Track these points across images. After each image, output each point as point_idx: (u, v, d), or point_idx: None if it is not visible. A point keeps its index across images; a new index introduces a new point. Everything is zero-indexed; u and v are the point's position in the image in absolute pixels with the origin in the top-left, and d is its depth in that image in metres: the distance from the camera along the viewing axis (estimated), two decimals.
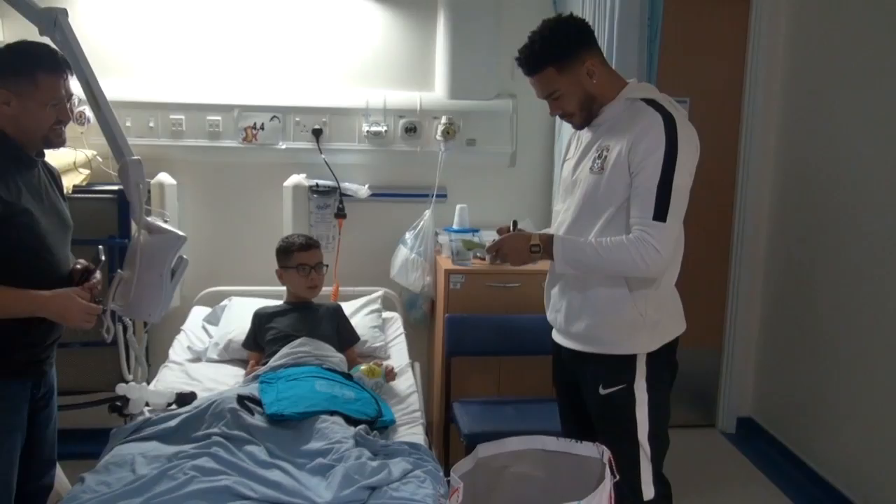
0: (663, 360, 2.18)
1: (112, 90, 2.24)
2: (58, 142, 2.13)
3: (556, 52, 2.11)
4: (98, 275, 2.20)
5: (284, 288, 3.12)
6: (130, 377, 2.37)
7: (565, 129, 3.42)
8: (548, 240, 2.12)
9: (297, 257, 3.01)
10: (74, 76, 2.11)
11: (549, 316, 2.34)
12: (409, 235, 3.64)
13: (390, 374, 2.83)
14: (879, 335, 3.10)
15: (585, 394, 2.26)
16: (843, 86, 3.37)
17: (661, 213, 1.99)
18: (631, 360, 2.15)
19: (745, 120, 3.90)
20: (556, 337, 2.34)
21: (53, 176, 2.25)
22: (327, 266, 3.13)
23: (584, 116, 2.18)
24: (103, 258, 2.28)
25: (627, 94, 2.14)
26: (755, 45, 3.83)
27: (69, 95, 2.12)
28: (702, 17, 3.85)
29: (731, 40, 3.87)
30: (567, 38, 2.12)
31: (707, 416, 4.19)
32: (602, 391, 2.17)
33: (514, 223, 2.31)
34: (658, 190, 1.99)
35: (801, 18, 3.70)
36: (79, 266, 2.21)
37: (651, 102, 2.08)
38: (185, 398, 2.51)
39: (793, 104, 3.77)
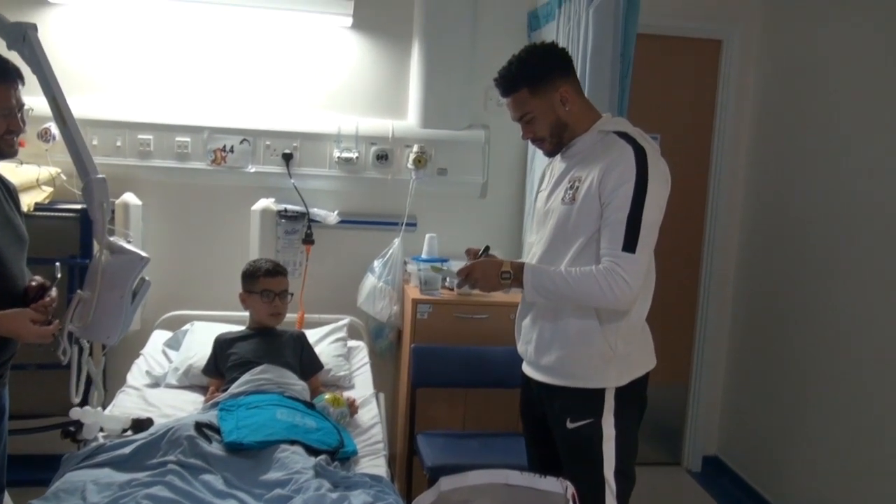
0: (632, 396, 2.19)
1: (79, 107, 2.24)
2: (9, 152, 2.10)
3: (531, 74, 2.15)
4: (53, 292, 2.17)
5: (248, 314, 3.09)
6: (77, 400, 2.33)
7: (538, 161, 3.46)
8: (519, 267, 2.13)
9: (263, 283, 2.99)
10: (24, 87, 2.09)
11: (520, 348, 2.35)
12: (377, 264, 3.63)
13: (353, 408, 2.81)
14: (849, 374, 3.14)
15: (552, 428, 2.26)
16: (812, 125, 3.45)
17: (630, 245, 2.01)
18: (599, 394, 2.15)
19: (715, 156, 3.99)
20: (526, 369, 2.34)
21: (8, 189, 2.22)
22: (292, 294, 3.11)
23: (554, 143, 2.21)
24: (59, 275, 2.25)
25: (601, 126, 2.17)
26: (725, 84, 3.93)
27: (20, 106, 2.10)
28: (673, 56, 3.94)
29: (701, 79, 3.96)
30: (543, 62, 2.16)
31: (673, 453, 4.21)
32: (569, 425, 2.17)
33: (487, 248, 2.31)
34: (628, 221, 2.01)
35: (772, 59, 3.80)
36: (34, 283, 2.18)
37: (623, 135, 2.11)
38: (141, 424, 2.46)
39: (762, 142, 3.85)
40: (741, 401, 3.95)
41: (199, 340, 3.16)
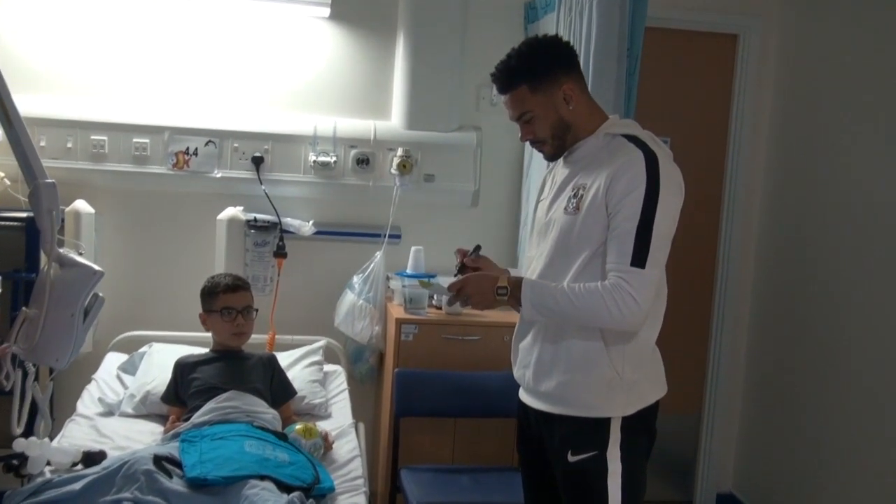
0: (640, 426, 2.19)
1: (26, 105, 2.23)
2: None
3: (531, 69, 2.15)
4: None
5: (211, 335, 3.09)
6: (20, 431, 2.32)
7: (535, 166, 3.47)
8: (516, 283, 2.13)
9: (223, 299, 2.98)
10: None
11: (517, 373, 2.35)
12: (356, 279, 3.64)
13: (327, 442, 2.80)
14: (875, 407, 3.16)
15: (552, 461, 2.26)
16: (835, 127, 3.49)
17: (640, 259, 2.01)
18: (604, 424, 2.15)
19: (731, 163, 4.02)
20: (523, 396, 2.34)
21: None
22: (257, 310, 3.10)
23: (555, 146, 2.22)
24: (0, 290, 2.24)
25: (607, 129, 2.18)
26: (742, 82, 3.97)
27: None
28: (685, 52, 3.98)
29: (716, 77, 4.00)
30: (545, 57, 2.17)
31: (684, 490, 4.22)
32: (571, 458, 2.16)
33: (477, 248, 2.32)
34: (637, 233, 2.01)
35: (791, 55, 3.84)
36: None
37: (632, 139, 2.12)
38: (93, 457, 2.45)
39: (782, 146, 3.88)
40: (758, 433, 3.97)
41: (158, 364, 3.15)
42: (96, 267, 2.23)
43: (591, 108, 2.22)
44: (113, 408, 3.03)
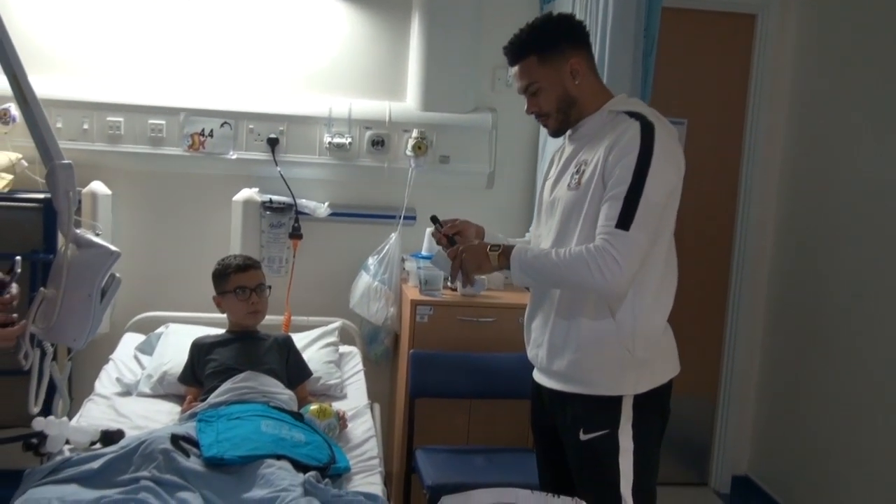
0: (653, 405, 2.19)
1: (43, 86, 2.24)
2: None
3: (540, 42, 2.19)
4: (14, 288, 2.18)
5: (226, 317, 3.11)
6: (37, 410, 2.34)
7: (550, 148, 3.46)
8: (508, 245, 2.17)
9: (235, 279, 3.00)
10: None
11: (530, 353, 2.36)
12: (371, 261, 3.64)
13: (342, 422, 2.82)
14: (890, 390, 3.15)
15: (564, 439, 2.27)
16: (856, 108, 3.46)
17: (624, 222, 2.00)
18: (616, 402, 2.16)
19: (748, 144, 3.98)
20: (537, 376, 2.35)
21: None
22: (270, 287, 3.12)
23: (559, 119, 2.24)
24: (18, 270, 2.26)
25: (611, 106, 2.20)
26: (760, 63, 3.93)
27: None
28: (703, 32, 3.94)
29: (733, 57, 3.96)
30: (556, 30, 2.21)
31: (699, 473, 4.22)
32: (582, 437, 2.17)
33: (434, 218, 2.38)
34: (626, 196, 2.01)
35: (811, 34, 3.80)
36: None
37: (634, 114, 2.13)
38: (111, 436, 2.48)
39: (800, 129, 3.85)
40: (774, 415, 3.96)
41: (175, 345, 3.18)
42: (113, 247, 2.24)
43: (597, 86, 2.24)
44: (130, 388, 3.06)
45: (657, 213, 2.06)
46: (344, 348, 3.51)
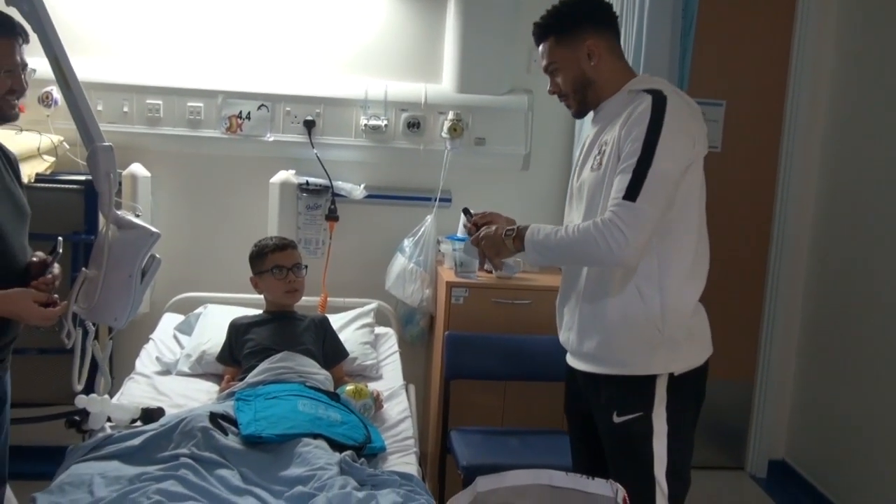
0: (687, 388, 2.18)
1: (83, 70, 2.27)
2: (11, 114, 2.16)
3: (559, 23, 2.21)
4: (56, 268, 2.22)
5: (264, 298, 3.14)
6: (80, 388, 2.39)
7: (585, 130, 3.44)
8: (523, 227, 2.18)
9: (272, 259, 3.03)
10: (26, 45, 2.15)
11: (562, 336, 2.36)
12: (407, 243, 3.65)
13: (378, 402, 2.84)
14: None
15: (598, 422, 2.27)
16: None
17: (632, 193, 2.00)
18: (649, 382, 2.15)
19: (788, 127, 3.92)
20: (570, 359, 2.35)
21: (9, 159, 2.28)
22: (307, 267, 3.14)
23: (578, 101, 2.25)
24: (60, 250, 2.30)
25: (631, 85, 2.19)
26: (801, 42, 3.84)
27: (24, 65, 2.16)
28: (742, 11, 3.89)
29: (774, 37, 3.90)
30: (576, 11, 2.21)
31: (735, 457, 4.20)
32: (616, 419, 2.17)
33: (466, 210, 2.46)
34: (635, 168, 2.01)
35: (853, 13, 3.72)
36: (35, 259, 2.23)
37: (650, 91, 2.11)
38: (151, 414, 2.52)
39: (841, 110, 3.78)
40: (813, 399, 3.92)
41: (213, 325, 3.21)
42: (153, 229, 2.28)
43: (618, 67, 2.23)
44: (170, 367, 3.10)
45: (667, 185, 2.04)
46: (380, 329, 3.53)
